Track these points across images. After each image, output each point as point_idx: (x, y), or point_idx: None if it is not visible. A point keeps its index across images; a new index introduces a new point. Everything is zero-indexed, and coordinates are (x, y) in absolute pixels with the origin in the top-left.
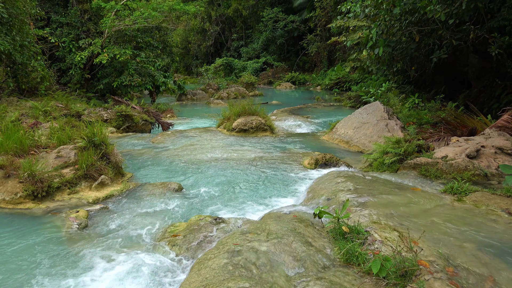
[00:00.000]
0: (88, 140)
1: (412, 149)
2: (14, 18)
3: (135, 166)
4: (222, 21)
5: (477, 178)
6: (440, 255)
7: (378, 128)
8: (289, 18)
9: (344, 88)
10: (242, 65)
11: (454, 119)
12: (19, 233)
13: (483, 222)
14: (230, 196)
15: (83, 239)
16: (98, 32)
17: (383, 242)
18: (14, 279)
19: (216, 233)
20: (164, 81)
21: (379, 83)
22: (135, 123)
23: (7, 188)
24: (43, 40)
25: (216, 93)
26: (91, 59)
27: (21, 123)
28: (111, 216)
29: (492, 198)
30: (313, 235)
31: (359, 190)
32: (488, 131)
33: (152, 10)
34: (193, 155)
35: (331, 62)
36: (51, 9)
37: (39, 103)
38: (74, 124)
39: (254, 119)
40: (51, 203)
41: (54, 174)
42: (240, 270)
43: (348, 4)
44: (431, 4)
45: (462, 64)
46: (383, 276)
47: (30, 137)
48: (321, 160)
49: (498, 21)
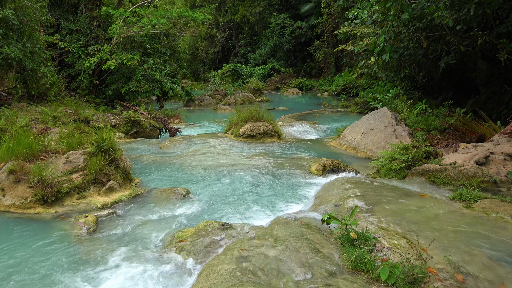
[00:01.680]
0: (97, 146)
1: (420, 156)
2: (25, 25)
3: (143, 171)
4: (229, 27)
5: (486, 185)
6: (449, 262)
7: (386, 134)
8: (296, 24)
9: (351, 94)
10: (249, 71)
11: (463, 125)
12: (29, 238)
13: (492, 229)
14: (237, 201)
15: (92, 244)
16: (106, 38)
17: (391, 249)
18: (25, 282)
19: (224, 238)
20: (171, 87)
21: (386, 89)
22: (143, 128)
23: (17, 193)
24: (53, 46)
25: (223, 99)
26: (100, 65)
27: (31, 128)
28: (120, 221)
29: (501, 205)
30: (321, 241)
31: (367, 196)
32: (497, 138)
33: (160, 17)
34: (200, 160)
35: (338, 68)
36: (61, 16)
37: (48, 108)
38: (83, 130)
39: (261, 125)
40: (60, 208)
41: (63, 179)
42: (248, 276)
43: (355, 10)
44: (439, 10)
45: (470, 70)
46: (392, 284)
47: (39, 143)
48: (328, 166)
49: (507, 27)
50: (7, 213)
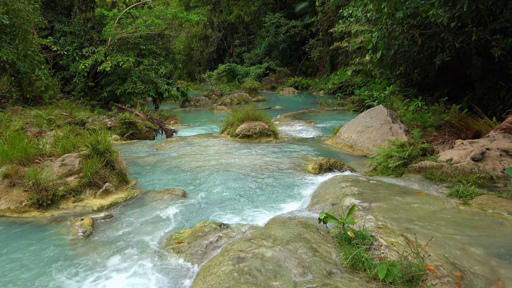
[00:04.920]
0: (92, 148)
1: (416, 153)
2: (18, 27)
3: (139, 173)
4: (224, 27)
5: (483, 181)
6: (446, 259)
7: (382, 131)
8: (291, 23)
9: (347, 92)
10: (244, 71)
11: (458, 122)
12: (24, 242)
13: (489, 225)
14: (234, 202)
15: (88, 247)
16: (101, 40)
17: (389, 247)
18: (20, 287)
19: (221, 239)
20: (167, 88)
21: (382, 87)
22: (139, 130)
23: (12, 197)
24: (47, 49)
25: (219, 99)
26: (95, 67)
27: (26, 131)
28: (116, 223)
29: (498, 201)
30: (319, 240)
31: (363, 194)
32: (493, 134)
33: (155, 18)
34: (197, 161)
35: (334, 67)
36: (55, 18)
37: (43, 111)
38: (78, 132)
39: (258, 125)
40: (56, 211)
41: (59, 182)
42: (245, 277)
43: (350, 8)
44: (433, 8)
45: (465, 67)
46: (390, 282)
47: (34, 146)
48: (325, 164)
49: (501, 23)
50: (3, 218)
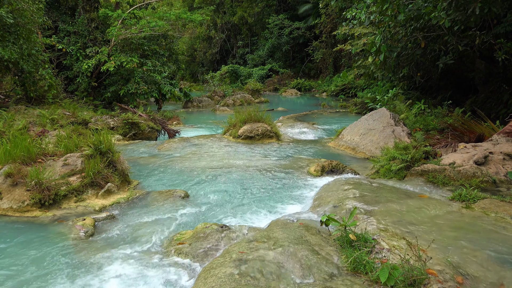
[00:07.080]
0: (95, 148)
1: (419, 156)
2: (22, 27)
3: (141, 173)
4: (227, 28)
5: (486, 185)
6: (449, 263)
7: (385, 134)
8: (295, 25)
9: (350, 94)
10: (247, 72)
11: (461, 125)
12: (26, 241)
13: (492, 229)
14: (236, 203)
15: (89, 247)
16: (105, 40)
17: (390, 250)
18: (21, 287)
19: (222, 241)
20: (170, 89)
21: (385, 89)
22: (142, 130)
23: (14, 196)
24: (51, 48)
25: (222, 100)
26: (98, 67)
27: (29, 131)
28: (118, 224)
29: (501, 205)
30: (320, 243)
31: (366, 197)
32: (496, 137)
33: (159, 18)
34: (199, 162)
35: (337, 69)
36: (59, 18)
37: (46, 111)
38: (81, 132)
39: (260, 126)
40: (58, 211)
41: (61, 182)
42: (246, 279)
43: (353, 10)
44: (435, 10)
45: (469, 70)
46: (391, 285)
47: (37, 145)
48: (327, 167)
49: (504, 27)
50: (5, 217)
